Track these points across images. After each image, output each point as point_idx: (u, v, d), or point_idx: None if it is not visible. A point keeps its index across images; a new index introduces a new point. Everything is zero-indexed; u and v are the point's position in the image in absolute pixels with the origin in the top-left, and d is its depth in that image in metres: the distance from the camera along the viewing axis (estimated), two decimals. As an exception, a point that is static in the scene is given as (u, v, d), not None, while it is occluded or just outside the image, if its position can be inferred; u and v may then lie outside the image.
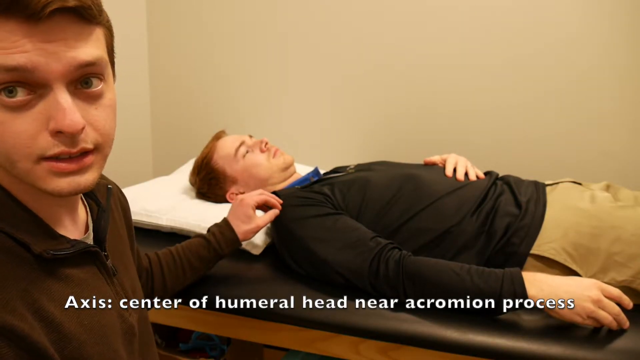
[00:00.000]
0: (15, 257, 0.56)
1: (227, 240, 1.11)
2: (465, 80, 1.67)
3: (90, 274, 0.65)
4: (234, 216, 1.15)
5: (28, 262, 0.57)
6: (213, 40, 1.86)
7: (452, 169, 1.33)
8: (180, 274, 1.06)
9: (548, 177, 1.35)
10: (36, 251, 0.58)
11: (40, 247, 0.58)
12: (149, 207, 1.38)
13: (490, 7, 1.60)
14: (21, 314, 0.53)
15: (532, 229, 1.14)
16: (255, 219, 1.14)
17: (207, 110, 1.96)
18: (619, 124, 1.59)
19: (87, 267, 0.64)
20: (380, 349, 1.04)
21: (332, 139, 1.86)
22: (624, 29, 1.53)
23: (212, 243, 1.10)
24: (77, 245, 0.62)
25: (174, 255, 1.07)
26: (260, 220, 1.15)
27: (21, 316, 0.53)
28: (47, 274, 0.58)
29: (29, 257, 0.57)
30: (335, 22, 1.74)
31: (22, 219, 0.59)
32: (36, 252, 0.57)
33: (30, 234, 0.58)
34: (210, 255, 1.10)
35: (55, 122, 0.54)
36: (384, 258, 1.08)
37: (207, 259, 1.09)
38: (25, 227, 0.58)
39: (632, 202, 1.22)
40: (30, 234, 0.58)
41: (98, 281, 0.66)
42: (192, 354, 1.50)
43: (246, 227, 1.13)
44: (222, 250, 1.10)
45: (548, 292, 0.97)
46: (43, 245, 0.58)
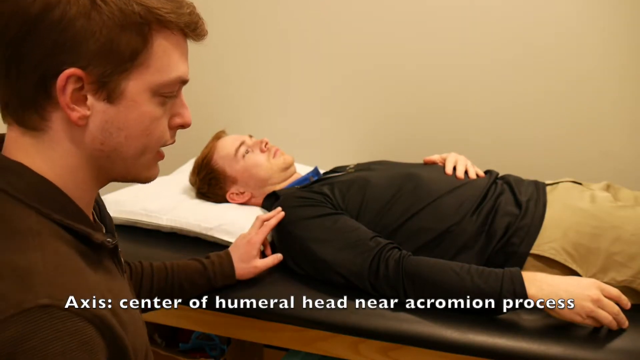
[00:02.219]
0: (75, 248, 0.59)
1: (223, 273, 1.10)
2: (465, 80, 1.67)
3: (114, 268, 0.68)
4: (237, 252, 1.14)
5: (85, 254, 0.60)
6: (213, 40, 1.85)
7: (452, 167, 1.33)
8: (168, 291, 1.04)
9: (548, 177, 1.35)
10: (97, 241, 0.62)
11: (99, 237, 0.62)
12: (149, 207, 1.38)
13: (490, 7, 1.60)
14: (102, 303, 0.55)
15: (532, 229, 1.14)
16: (255, 261, 1.14)
17: (207, 110, 1.95)
18: (619, 124, 1.59)
19: (110, 261, 0.67)
20: (380, 349, 1.04)
21: (332, 139, 1.85)
22: (624, 29, 1.53)
23: (208, 272, 1.09)
24: (113, 239, 0.66)
25: (167, 271, 1.05)
26: (261, 263, 1.14)
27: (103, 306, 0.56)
28: (98, 264, 0.62)
29: (85, 249, 0.60)
30: (335, 22, 1.74)
31: (74, 211, 0.61)
32: (98, 241, 0.62)
33: (85, 225, 0.62)
34: (203, 283, 1.08)
35: (182, 118, 0.67)
36: (384, 258, 1.08)
37: (198, 285, 1.08)
38: (79, 219, 0.61)
39: (632, 202, 1.23)
40: (86, 226, 0.62)
41: (119, 275, 0.69)
42: (192, 354, 1.50)
43: (245, 266, 1.12)
44: (215, 282, 1.09)
45: (548, 291, 0.97)
46: (99, 236, 0.62)
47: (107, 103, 0.60)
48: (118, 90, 0.60)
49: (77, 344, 0.51)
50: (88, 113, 0.59)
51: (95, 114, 0.60)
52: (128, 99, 0.60)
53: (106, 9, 0.56)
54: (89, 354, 0.52)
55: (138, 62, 0.59)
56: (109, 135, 0.61)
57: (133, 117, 0.61)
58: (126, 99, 0.60)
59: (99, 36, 0.56)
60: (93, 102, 0.59)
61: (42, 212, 0.58)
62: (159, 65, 0.61)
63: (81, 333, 0.52)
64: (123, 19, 0.57)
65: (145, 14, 0.58)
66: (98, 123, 0.60)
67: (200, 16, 0.64)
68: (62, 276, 0.54)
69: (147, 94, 0.61)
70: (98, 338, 0.54)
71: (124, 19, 0.57)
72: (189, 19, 0.62)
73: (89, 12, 0.56)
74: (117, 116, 0.61)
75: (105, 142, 0.62)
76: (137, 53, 0.59)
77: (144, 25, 0.59)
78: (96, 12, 0.56)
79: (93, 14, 0.56)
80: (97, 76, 0.58)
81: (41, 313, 0.50)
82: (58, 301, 0.51)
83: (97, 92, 0.59)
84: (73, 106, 0.58)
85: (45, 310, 0.51)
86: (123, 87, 0.60)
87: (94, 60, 0.57)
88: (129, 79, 0.60)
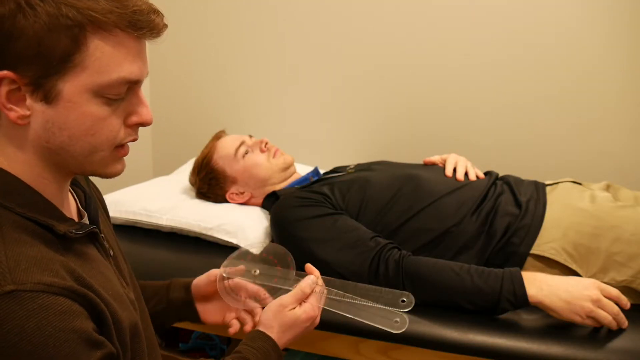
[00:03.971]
0: (40, 237, 0.60)
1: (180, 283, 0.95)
2: (466, 80, 1.67)
3: (94, 252, 0.68)
4: None
5: (51, 242, 0.61)
6: (213, 40, 1.86)
7: (452, 169, 1.33)
8: None
9: (548, 177, 1.35)
10: (60, 231, 0.62)
11: (62, 228, 0.62)
12: (149, 207, 1.38)
13: (490, 8, 1.60)
14: (70, 279, 0.58)
15: (532, 229, 1.14)
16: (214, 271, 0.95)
17: (207, 110, 1.96)
18: (619, 124, 1.59)
19: (90, 246, 0.68)
20: (380, 348, 1.04)
21: (332, 139, 1.86)
22: (624, 29, 1.53)
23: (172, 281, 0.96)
24: (85, 227, 0.66)
25: None
26: None
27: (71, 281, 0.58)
28: (68, 251, 0.62)
29: (52, 238, 0.61)
30: (335, 23, 1.74)
31: (38, 203, 0.62)
32: (60, 232, 0.62)
33: (49, 217, 0.62)
34: (161, 292, 0.94)
35: (139, 117, 0.66)
36: (384, 258, 1.08)
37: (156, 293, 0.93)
38: (43, 210, 0.62)
39: (632, 202, 1.22)
40: (49, 217, 0.62)
41: (101, 259, 0.69)
42: (192, 354, 1.50)
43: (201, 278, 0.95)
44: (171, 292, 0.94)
45: (547, 291, 0.97)
46: (63, 227, 0.62)
47: (45, 104, 0.60)
48: (54, 91, 0.59)
49: (55, 316, 0.54)
50: (28, 113, 0.60)
51: (35, 114, 0.60)
52: (65, 100, 0.60)
53: (31, 12, 0.56)
54: (71, 320, 0.55)
55: (72, 64, 0.59)
56: (52, 134, 0.61)
57: (73, 118, 0.61)
58: (64, 99, 0.60)
59: (26, 39, 0.56)
60: (31, 102, 0.59)
61: (5, 205, 0.59)
62: (97, 66, 0.60)
63: (57, 304, 0.55)
64: (50, 21, 0.56)
65: (75, 17, 0.57)
66: (40, 123, 0.61)
67: (154, 13, 0.62)
68: (25, 261, 0.56)
69: (86, 95, 0.60)
70: (74, 305, 0.56)
71: (51, 21, 0.56)
72: (132, 17, 0.60)
73: (15, 15, 0.55)
74: (57, 116, 0.60)
75: (50, 141, 0.62)
76: (69, 55, 0.58)
77: (74, 27, 0.57)
78: (22, 15, 0.56)
79: (19, 17, 0.56)
80: (30, 78, 0.58)
81: (8, 299, 0.53)
82: (22, 285, 0.54)
83: (33, 93, 0.59)
84: (10, 106, 0.59)
85: (12, 295, 0.53)
86: (59, 88, 0.59)
87: (23, 62, 0.57)
88: (64, 81, 0.59)
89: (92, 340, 0.57)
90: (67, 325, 0.54)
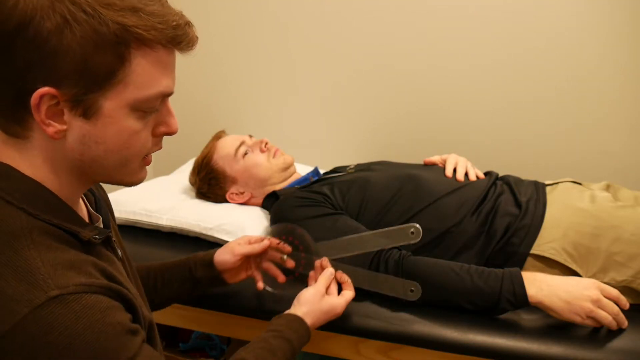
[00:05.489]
0: (66, 242, 0.61)
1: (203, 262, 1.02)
2: (466, 80, 1.67)
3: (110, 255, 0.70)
4: None
5: (77, 246, 0.63)
6: (213, 40, 1.86)
7: (452, 169, 1.33)
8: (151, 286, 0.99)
9: (548, 177, 1.35)
10: (85, 237, 0.63)
11: (86, 234, 0.64)
12: (149, 207, 1.38)
13: (490, 7, 1.60)
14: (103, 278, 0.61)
15: (532, 229, 1.14)
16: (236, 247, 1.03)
17: (207, 110, 1.96)
18: (619, 124, 1.59)
19: (105, 250, 0.69)
20: (380, 348, 1.04)
21: (332, 139, 1.86)
22: (624, 29, 1.53)
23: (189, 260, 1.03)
24: (102, 232, 0.68)
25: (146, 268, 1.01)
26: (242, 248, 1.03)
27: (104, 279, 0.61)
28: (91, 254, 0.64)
29: (76, 243, 0.63)
30: (336, 23, 1.74)
31: (62, 210, 0.63)
32: (85, 238, 0.63)
33: (72, 223, 0.63)
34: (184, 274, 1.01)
35: (168, 127, 0.67)
36: (384, 258, 1.08)
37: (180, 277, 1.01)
38: (67, 217, 0.63)
39: (632, 202, 1.22)
40: (73, 224, 0.63)
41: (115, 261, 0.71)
42: (192, 354, 1.50)
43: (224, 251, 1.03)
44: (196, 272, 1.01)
45: (547, 291, 0.97)
46: (86, 233, 0.64)
47: (84, 119, 0.60)
48: (94, 108, 0.59)
49: (100, 313, 0.56)
50: (65, 128, 0.60)
51: (72, 128, 0.60)
52: (105, 116, 0.60)
53: (78, 28, 0.55)
54: (114, 315, 0.58)
55: (115, 81, 0.59)
56: (87, 148, 0.62)
57: (111, 133, 0.61)
58: (103, 115, 0.60)
59: (72, 55, 0.56)
60: (70, 117, 0.59)
61: (30, 212, 0.60)
62: (138, 82, 0.60)
63: (99, 302, 0.57)
64: (97, 38, 0.56)
65: (121, 33, 0.57)
66: (76, 137, 0.61)
67: (188, 26, 0.63)
68: (60, 266, 0.57)
69: (125, 110, 0.61)
70: (113, 301, 0.59)
71: (98, 38, 0.56)
72: (172, 33, 0.60)
73: (62, 31, 0.55)
74: (94, 131, 0.61)
75: (84, 154, 0.62)
76: (114, 72, 0.58)
77: (120, 45, 0.57)
78: (69, 30, 0.55)
79: (66, 32, 0.55)
80: (71, 95, 0.58)
81: (55, 304, 0.54)
82: (65, 288, 0.55)
83: (72, 108, 0.59)
84: (49, 122, 0.59)
85: (57, 299, 0.54)
86: (100, 105, 0.59)
87: (67, 79, 0.57)
88: (105, 97, 0.59)
89: (132, 329, 0.60)
90: (112, 320, 0.57)
